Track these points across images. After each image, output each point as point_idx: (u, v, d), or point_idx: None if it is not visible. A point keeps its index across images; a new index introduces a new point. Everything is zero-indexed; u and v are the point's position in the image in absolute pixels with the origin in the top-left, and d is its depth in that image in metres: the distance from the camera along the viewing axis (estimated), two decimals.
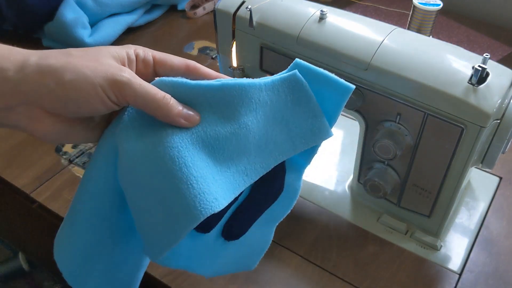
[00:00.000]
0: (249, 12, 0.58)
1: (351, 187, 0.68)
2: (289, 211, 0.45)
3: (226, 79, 0.37)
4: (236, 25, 0.61)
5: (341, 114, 0.82)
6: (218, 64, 0.70)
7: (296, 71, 0.38)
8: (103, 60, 0.35)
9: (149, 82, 0.36)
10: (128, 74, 0.34)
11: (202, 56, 0.96)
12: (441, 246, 0.61)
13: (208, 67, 0.40)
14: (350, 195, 0.68)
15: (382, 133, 0.56)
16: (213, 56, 0.96)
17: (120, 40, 0.98)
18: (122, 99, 0.35)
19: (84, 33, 0.90)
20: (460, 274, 0.58)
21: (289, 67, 0.39)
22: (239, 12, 0.60)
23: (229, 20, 0.60)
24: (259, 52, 0.61)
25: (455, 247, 0.61)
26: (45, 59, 0.34)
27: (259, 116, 0.37)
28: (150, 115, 0.36)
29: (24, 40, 0.99)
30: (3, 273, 1.08)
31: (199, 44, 1.00)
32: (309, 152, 0.41)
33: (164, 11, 1.09)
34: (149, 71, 0.38)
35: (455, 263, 0.59)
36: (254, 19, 0.58)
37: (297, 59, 0.39)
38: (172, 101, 0.35)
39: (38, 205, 0.68)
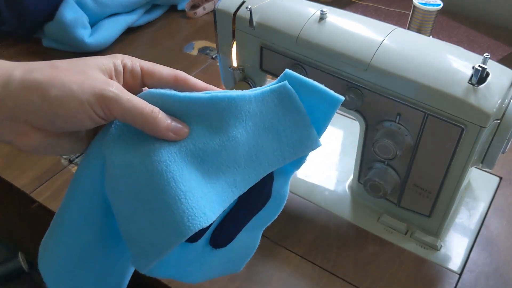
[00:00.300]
0: (249, 12, 0.58)
1: (351, 187, 0.68)
2: (276, 217, 0.45)
3: (215, 91, 0.37)
4: (236, 25, 0.61)
5: (341, 114, 0.82)
6: (218, 64, 0.70)
7: (286, 82, 0.38)
8: (90, 73, 0.34)
9: (137, 93, 0.36)
10: (116, 89, 0.34)
11: (202, 56, 0.96)
12: (441, 246, 0.61)
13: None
14: (350, 195, 0.68)
15: (382, 133, 0.56)
16: (213, 56, 0.96)
17: (120, 40, 0.98)
18: (110, 114, 0.34)
19: (84, 33, 0.90)
20: (460, 274, 0.58)
21: (278, 77, 0.39)
22: (239, 12, 0.60)
23: (229, 20, 0.60)
24: (259, 52, 0.61)
25: (455, 247, 0.61)
26: (30, 73, 0.32)
27: (249, 128, 0.37)
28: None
29: (24, 40, 0.99)
30: (2, 274, 1.08)
31: (199, 44, 1.00)
32: (298, 161, 0.41)
33: (164, 11, 1.09)
34: (137, 82, 0.38)
35: (455, 263, 0.59)
36: (254, 19, 0.58)
37: (287, 70, 0.39)
38: (160, 115, 0.35)
39: (38, 205, 0.68)
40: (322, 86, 0.38)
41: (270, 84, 0.39)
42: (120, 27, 0.97)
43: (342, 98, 0.38)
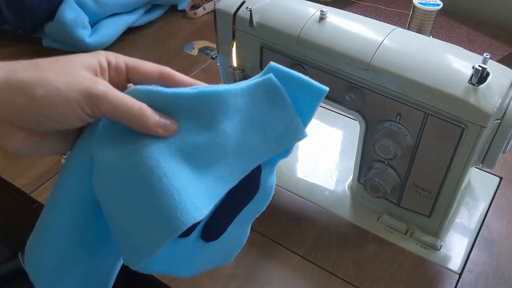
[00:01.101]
0: (249, 12, 0.58)
1: (351, 187, 0.68)
2: (265, 208, 0.45)
3: (202, 86, 0.37)
4: (236, 25, 0.61)
5: (341, 114, 0.82)
6: (218, 64, 0.70)
7: (271, 74, 0.38)
8: (75, 71, 0.33)
9: (122, 90, 0.36)
10: (103, 86, 0.33)
11: (202, 56, 0.96)
12: (441, 246, 0.61)
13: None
14: (350, 195, 0.68)
15: (382, 133, 0.56)
16: (213, 56, 0.95)
17: (120, 40, 0.98)
18: (98, 112, 0.33)
19: (84, 33, 0.90)
20: (460, 274, 0.58)
21: (263, 70, 0.39)
22: (239, 12, 0.60)
23: (229, 20, 0.60)
24: (259, 52, 0.61)
25: (455, 247, 0.61)
26: (13, 73, 0.32)
27: (236, 122, 0.37)
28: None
29: (24, 40, 0.99)
30: (2, 273, 1.08)
31: (199, 44, 1.00)
32: (285, 150, 0.41)
33: (164, 11, 1.09)
34: (121, 79, 0.37)
35: (455, 263, 0.59)
36: (254, 19, 0.58)
37: (271, 63, 0.39)
38: (148, 111, 0.34)
39: (38, 205, 0.68)
40: (306, 78, 0.38)
41: (255, 77, 0.39)
42: (120, 27, 0.97)
43: (327, 89, 0.38)
